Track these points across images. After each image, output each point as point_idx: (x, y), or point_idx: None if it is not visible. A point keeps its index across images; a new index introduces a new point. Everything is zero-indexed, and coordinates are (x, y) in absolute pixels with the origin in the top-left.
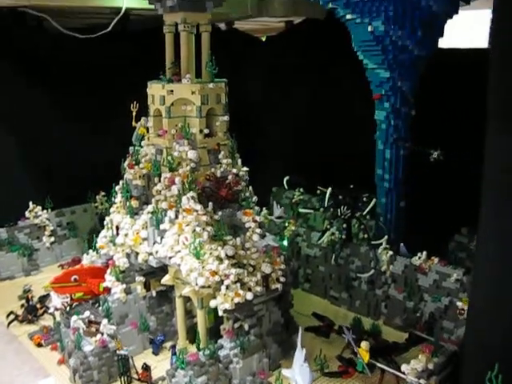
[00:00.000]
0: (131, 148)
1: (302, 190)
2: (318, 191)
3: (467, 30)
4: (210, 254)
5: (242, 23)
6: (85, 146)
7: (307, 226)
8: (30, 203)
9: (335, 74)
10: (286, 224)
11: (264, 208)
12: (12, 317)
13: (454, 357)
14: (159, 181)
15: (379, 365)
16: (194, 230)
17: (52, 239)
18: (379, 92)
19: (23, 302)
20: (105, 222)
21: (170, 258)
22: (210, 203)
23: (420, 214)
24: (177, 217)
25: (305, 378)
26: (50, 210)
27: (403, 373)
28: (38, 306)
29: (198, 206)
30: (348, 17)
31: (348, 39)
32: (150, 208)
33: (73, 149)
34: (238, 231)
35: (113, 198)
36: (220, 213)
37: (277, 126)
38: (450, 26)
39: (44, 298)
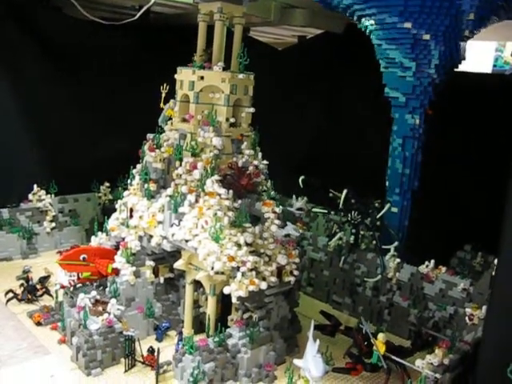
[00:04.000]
0: (149, 135)
1: (305, 198)
2: (331, 194)
3: None
4: (229, 239)
5: (256, 33)
6: (95, 136)
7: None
8: (35, 186)
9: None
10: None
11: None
12: (11, 295)
13: (466, 356)
14: (180, 165)
15: (394, 357)
16: (216, 214)
17: (53, 225)
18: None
19: (21, 282)
20: (117, 205)
21: (187, 241)
22: (231, 191)
23: (425, 227)
24: (196, 201)
25: (318, 368)
26: (53, 195)
27: (418, 367)
28: (39, 286)
29: (222, 190)
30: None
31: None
32: (168, 191)
33: (83, 137)
34: (255, 221)
35: (129, 181)
36: (240, 201)
37: (283, 134)
38: None
39: (44, 280)
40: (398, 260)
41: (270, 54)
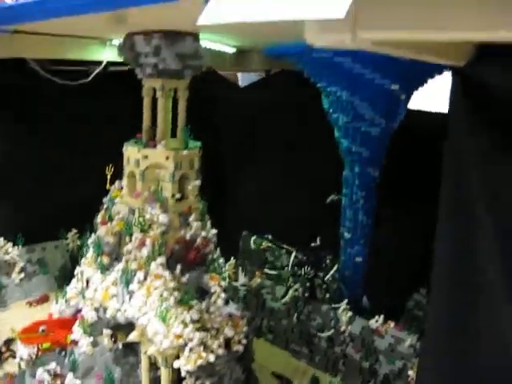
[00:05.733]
0: (105, 200)
1: (270, 237)
2: (284, 250)
3: None
4: (176, 318)
5: None
6: (58, 183)
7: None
8: (1, 239)
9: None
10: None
11: (232, 258)
12: None
13: None
14: (130, 240)
15: None
16: (162, 295)
17: (22, 275)
18: None
19: None
20: (75, 272)
21: (138, 318)
22: (179, 266)
23: (381, 271)
24: (145, 278)
25: None
26: (20, 246)
27: None
28: (3, 349)
29: (167, 273)
30: None
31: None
32: (120, 266)
33: (46, 185)
34: (203, 294)
35: (84, 252)
36: (187, 275)
37: (253, 169)
38: None
39: (10, 342)
40: (350, 313)
41: (230, 93)
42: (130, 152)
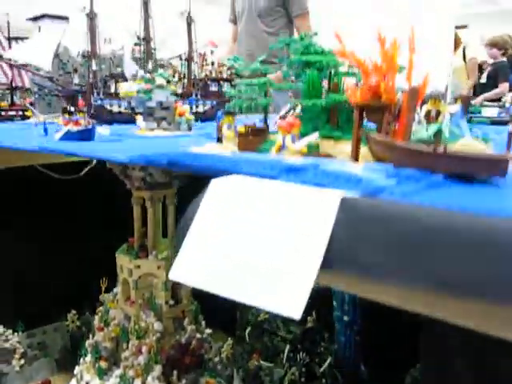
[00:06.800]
0: (101, 297)
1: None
2: (279, 338)
3: None
4: None
5: None
6: (54, 266)
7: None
8: (1, 327)
9: None
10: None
11: (230, 339)
12: None
13: None
14: (127, 347)
15: None
16: None
17: (22, 362)
18: None
19: None
20: (75, 372)
21: None
22: (175, 372)
23: (371, 348)
24: None
25: None
26: (20, 332)
27: None
28: None
29: None
30: None
31: None
32: (118, 372)
33: (42, 269)
34: None
35: (83, 356)
36: (184, 381)
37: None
38: None
39: None
40: None
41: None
42: (123, 261)
